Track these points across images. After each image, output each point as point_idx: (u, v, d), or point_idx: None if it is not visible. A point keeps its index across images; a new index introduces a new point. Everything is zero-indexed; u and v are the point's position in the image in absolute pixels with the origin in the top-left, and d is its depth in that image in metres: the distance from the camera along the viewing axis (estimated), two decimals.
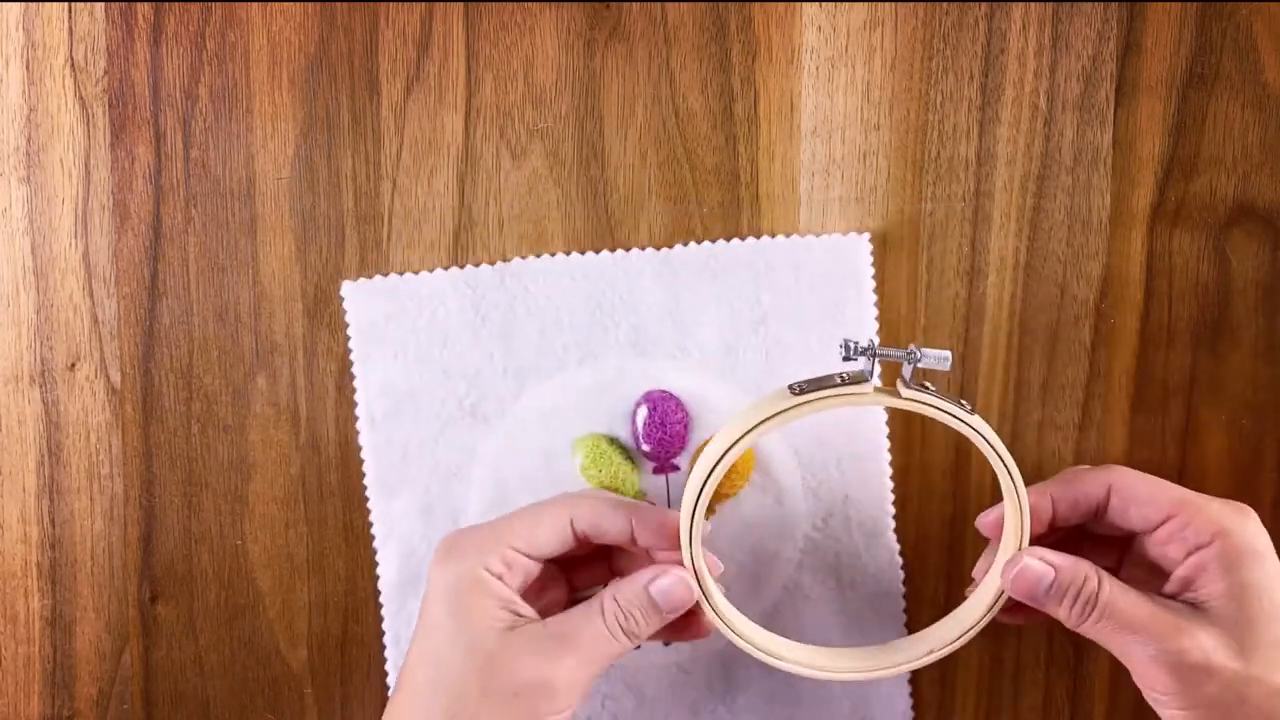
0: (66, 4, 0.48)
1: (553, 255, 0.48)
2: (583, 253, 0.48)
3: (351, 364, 0.49)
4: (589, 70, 0.48)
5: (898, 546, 0.49)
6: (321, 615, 0.51)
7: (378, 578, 0.50)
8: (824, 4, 0.48)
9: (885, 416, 0.49)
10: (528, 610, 0.42)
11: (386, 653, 0.50)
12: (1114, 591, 0.41)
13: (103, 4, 0.48)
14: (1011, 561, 0.42)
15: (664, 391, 0.48)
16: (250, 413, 0.50)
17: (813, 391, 0.40)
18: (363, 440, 0.49)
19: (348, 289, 0.48)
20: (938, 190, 0.48)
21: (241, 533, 0.50)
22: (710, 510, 0.48)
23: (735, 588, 0.49)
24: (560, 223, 0.49)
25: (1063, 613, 0.42)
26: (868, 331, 0.48)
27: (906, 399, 0.40)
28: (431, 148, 0.49)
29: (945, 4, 0.48)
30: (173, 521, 0.50)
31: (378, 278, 0.48)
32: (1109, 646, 0.42)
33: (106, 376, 0.50)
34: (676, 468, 0.48)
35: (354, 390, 0.49)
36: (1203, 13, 0.48)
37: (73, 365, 0.49)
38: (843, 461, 0.49)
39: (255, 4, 0.48)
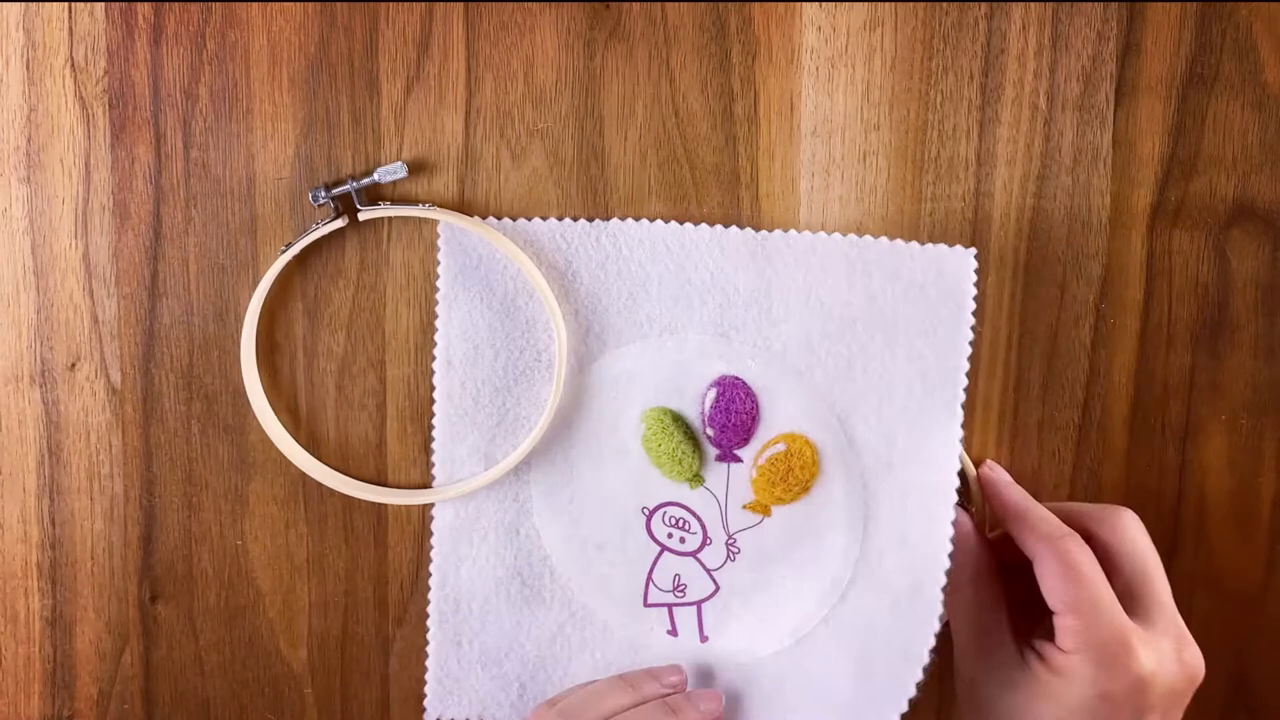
0: (66, 4, 0.48)
1: (652, 221, 0.48)
2: (681, 223, 0.48)
3: (436, 302, 0.48)
4: (589, 70, 0.48)
5: (941, 610, 0.47)
6: (321, 615, 0.51)
7: (431, 519, 0.49)
8: (824, 4, 0.48)
9: (958, 467, 0.47)
10: None
11: (431, 595, 0.50)
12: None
13: (103, 4, 0.48)
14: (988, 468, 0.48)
15: (736, 378, 0.47)
16: (250, 413, 0.50)
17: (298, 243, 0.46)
18: (437, 380, 0.48)
19: (444, 228, 0.48)
20: (938, 190, 0.48)
21: (241, 533, 0.50)
22: (764, 509, 0.48)
23: (772, 591, 0.48)
24: (560, 222, 0.49)
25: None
26: (962, 351, 0.46)
27: (365, 217, 0.46)
28: (431, 148, 0.49)
29: (945, 4, 0.48)
30: (173, 521, 0.50)
31: (475, 218, 0.48)
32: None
33: (106, 376, 0.50)
34: (739, 459, 0.48)
35: (434, 331, 0.48)
36: (1203, 13, 0.48)
37: (73, 365, 0.49)
38: (909, 497, 0.47)
39: (255, 4, 0.48)
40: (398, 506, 0.50)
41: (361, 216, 0.47)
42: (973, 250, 0.47)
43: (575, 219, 0.48)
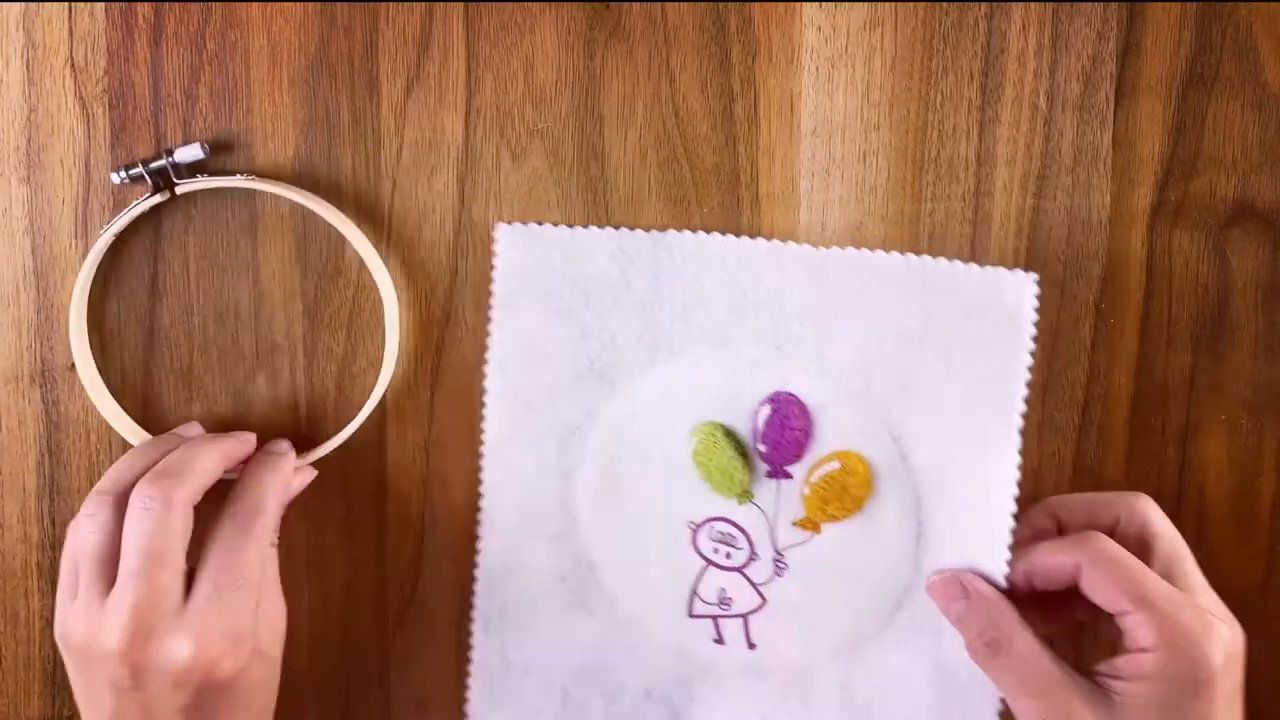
0: (66, 4, 0.48)
1: (709, 233, 0.48)
2: (738, 235, 0.48)
3: (490, 307, 0.48)
4: (589, 70, 0.48)
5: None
6: (321, 615, 0.51)
7: (478, 522, 0.49)
8: (824, 4, 0.48)
9: (1014, 490, 0.46)
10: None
11: (476, 603, 0.49)
12: (1020, 645, 0.43)
13: (103, 4, 0.48)
14: (941, 571, 0.46)
15: (790, 394, 0.47)
16: (250, 413, 0.50)
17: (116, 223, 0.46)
18: (488, 384, 0.48)
19: (502, 230, 0.48)
20: (938, 190, 0.48)
21: None
22: (815, 526, 0.48)
23: (822, 606, 0.48)
24: (560, 223, 0.49)
25: (965, 640, 0.44)
26: (1021, 374, 0.46)
27: (183, 190, 0.47)
28: (431, 148, 0.49)
29: (945, 4, 0.48)
30: None
31: (532, 224, 0.48)
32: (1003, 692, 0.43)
33: (107, 376, 0.49)
34: (789, 475, 0.47)
35: (487, 334, 0.48)
36: (1203, 13, 0.48)
37: (73, 365, 0.49)
38: (964, 516, 0.46)
39: (255, 4, 0.48)
40: (398, 506, 0.50)
41: (179, 190, 0.47)
42: (1033, 275, 0.46)
43: (632, 229, 0.48)
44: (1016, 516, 0.45)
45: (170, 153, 0.47)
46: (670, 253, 0.47)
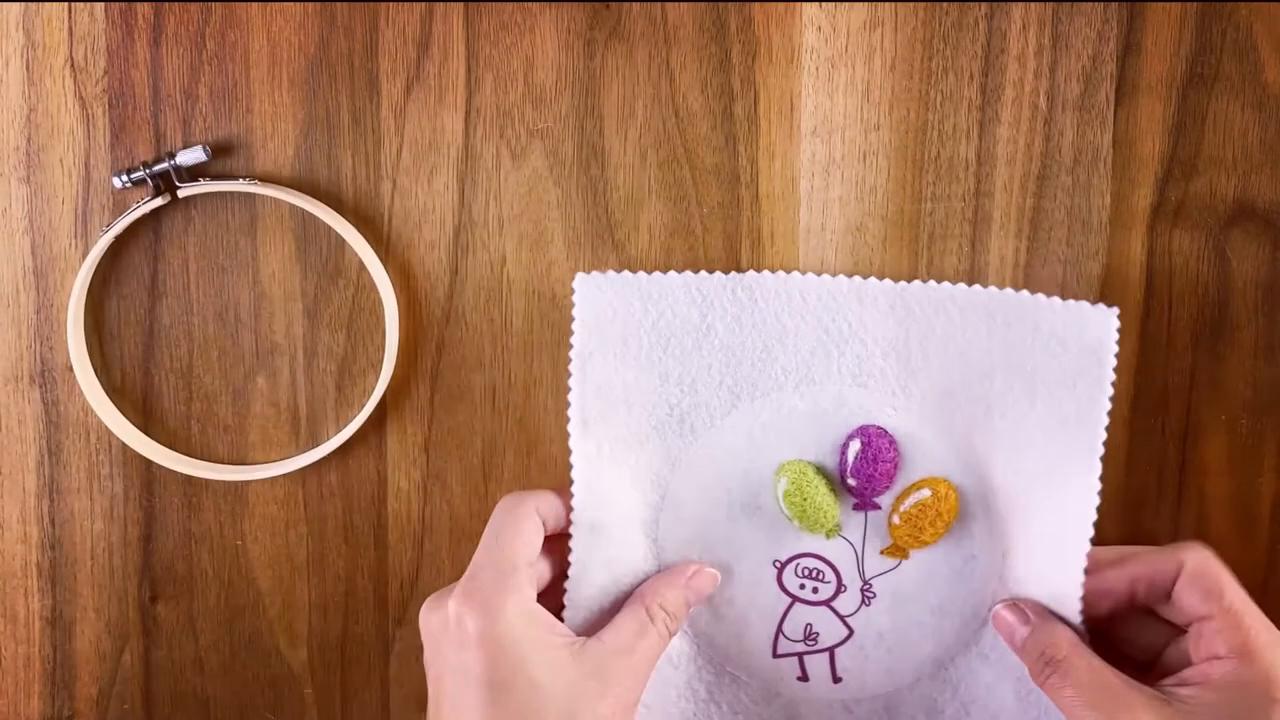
0: (66, 4, 0.48)
1: (789, 272, 0.47)
2: (818, 274, 0.47)
3: (570, 360, 0.47)
4: (589, 70, 0.48)
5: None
6: (321, 615, 0.51)
7: (567, 577, 0.47)
8: (824, 4, 0.48)
9: (1094, 517, 0.45)
10: (570, 632, 0.44)
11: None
12: (1078, 661, 0.43)
13: (103, 4, 0.48)
14: (1004, 601, 0.46)
15: (879, 428, 0.47)
16: (250, 413, 0.50)
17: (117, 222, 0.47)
18: (573, 443, 0.47)
19: (580, 281, 0.47)
20: (938, 190, 0.48)
21: (241, 533, 0.50)
22: (903, 553, 0.47)
23: (909, 631, 0.48)
24: (560, 223, 0.49)
25: (1027, 665, 0.45)
26: (1102, 405, 0.46)
27: (185, 193, 0.47)
28: (431, 148, 0.49)
29: (945, 4, 0.48)
30: (173, 521, 0.50)
31: (610, 272, 0.47)
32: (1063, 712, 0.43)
33: (106, 376, 0.50)
34: (878, 506, 0.47)
35: (567, 390, 0.47)
36: (1203, 13, 0.48)
37: (72, 365, 0.49)
38: (1044, 543, 0.46)
39: (255, 4, 0.48)
40: (398, 505, 0.50)
41: (181, 193, 0.47)
42: (1115, 310, 0.46)
43: (711, 271, 0.47)
44: (1094, 541, 0.45)
45: (172, 155, 0.47)
46: (750, 293, 0.47)
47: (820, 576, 0.48)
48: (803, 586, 0.48)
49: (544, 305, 0.49)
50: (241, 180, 0.47)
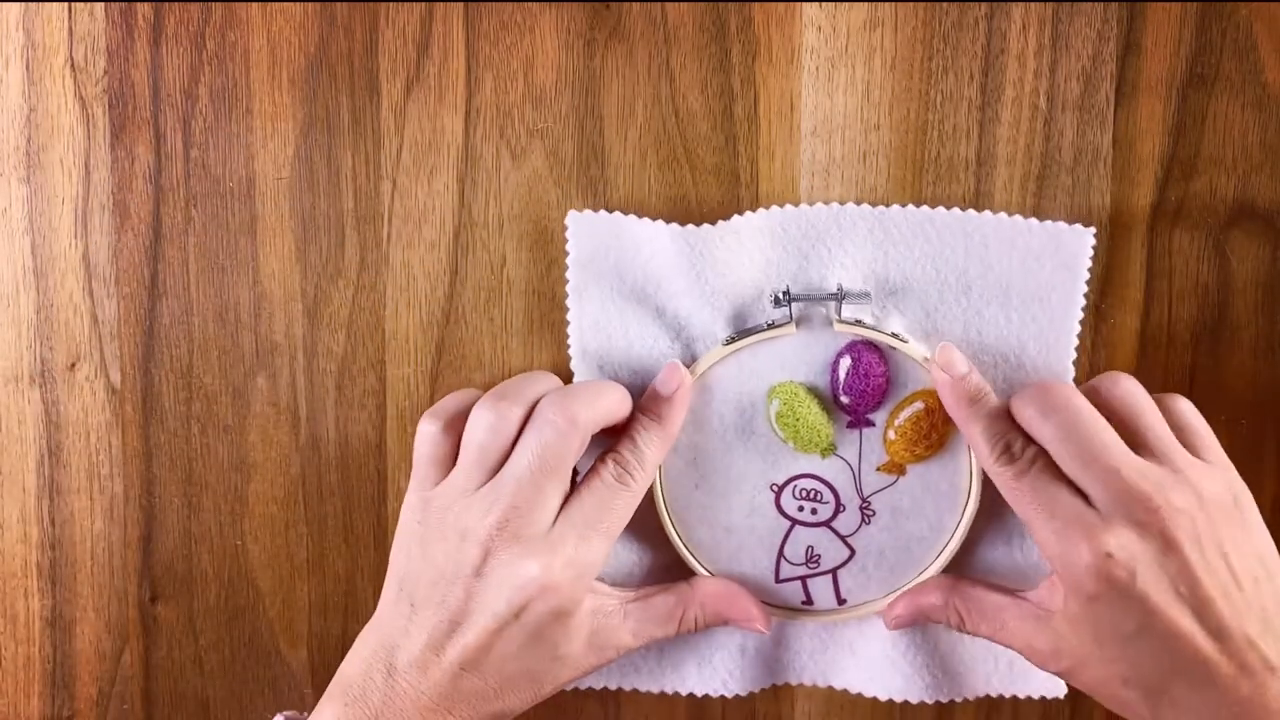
0: (66, 4, 0.48)
1: (768, 208, 0.48)
2: (797, 205, 0.48)
3: (567, 295, 0.48)
4: (589, 70, 0.48)
5: None
6: (321, 615, 0.51)
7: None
8: (824, 4, 0.48)
9: None
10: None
11: None
12: (968, 589, 0.46)
13: (103, 4, 0.48)
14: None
15: (867, 342, 0.47)
16: (250, 413, 0.50)
17: (742, 339, 0.47)
18: (574, 367, 0.49)
19: (573, 218, 0.48)
20: (938, 190, 0.48)
21: (241, 533, 0.50)
22: (900, 469, 0.48)
23: (910, 546, 0.49)
24: (560, 223, 0.49)
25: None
26: (1074, 316, 0.48)
27: (840, 329, 0.47)
28: (431, 148, 0.49)
29: (945, 4, 0.48)
30: (173, 521, 0.50)
31: (602, 212, 0.48)
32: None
33: (106, 376, 0.50)
34: (872, 423, 0.48)
35: (566, 324, 0.48)
36: (1203, 13, 0.48)
37: (73, 365, 0.49)
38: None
39: (255, 4, 0.48)
40: (398, 506, 0.50)
41: (836, 328, 0.47)
42: (1092, 229, 0.47)
43: (699, 224, 0.48)
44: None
45: (841, 290, 0.47)
46: (737, 236, 0.48)
47: (818, 497, 0.48)
48: (801, 509, 0.48)
49: (544, 305, 0.49)
50: (890, 334, 0.47)
